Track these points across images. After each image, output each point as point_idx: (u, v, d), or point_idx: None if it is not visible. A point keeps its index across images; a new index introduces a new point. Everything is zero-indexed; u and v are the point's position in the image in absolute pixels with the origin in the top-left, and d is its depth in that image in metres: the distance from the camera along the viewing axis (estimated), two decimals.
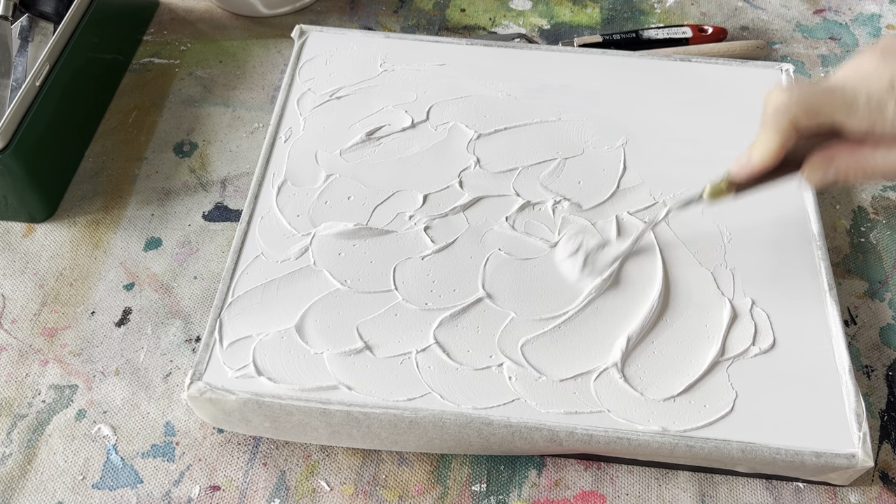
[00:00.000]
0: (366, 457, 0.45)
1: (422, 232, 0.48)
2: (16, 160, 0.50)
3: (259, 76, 0.63)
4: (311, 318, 0.44)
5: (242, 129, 0.60)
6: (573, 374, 0.43)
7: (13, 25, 0.59)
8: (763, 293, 0.46)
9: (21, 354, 0.48)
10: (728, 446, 0.40)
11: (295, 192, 0.50)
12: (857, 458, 0.40)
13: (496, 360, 0.43)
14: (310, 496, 0.43)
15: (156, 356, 0.48)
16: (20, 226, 0.54)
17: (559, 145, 0.53)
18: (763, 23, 0.68)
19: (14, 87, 0.56)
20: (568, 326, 0.44)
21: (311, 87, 0.55)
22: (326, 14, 0.68)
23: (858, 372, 0.48)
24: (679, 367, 0.43)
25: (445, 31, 0.67)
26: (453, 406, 0.41)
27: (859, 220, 0.55)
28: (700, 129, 0.54)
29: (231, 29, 0.67)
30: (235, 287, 0.45)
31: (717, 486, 0.44)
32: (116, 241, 0.53)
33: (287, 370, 0.42)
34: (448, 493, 0.43)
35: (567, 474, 0.44)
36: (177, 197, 0.56)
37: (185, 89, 0.62)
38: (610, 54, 0.58)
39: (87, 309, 0.50)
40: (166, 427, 0.46)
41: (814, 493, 0.43)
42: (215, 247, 0.53)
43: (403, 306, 0.45)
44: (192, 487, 0.43)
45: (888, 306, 0.51)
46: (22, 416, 0.46)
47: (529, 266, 0.47)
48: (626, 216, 0.49)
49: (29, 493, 0.43)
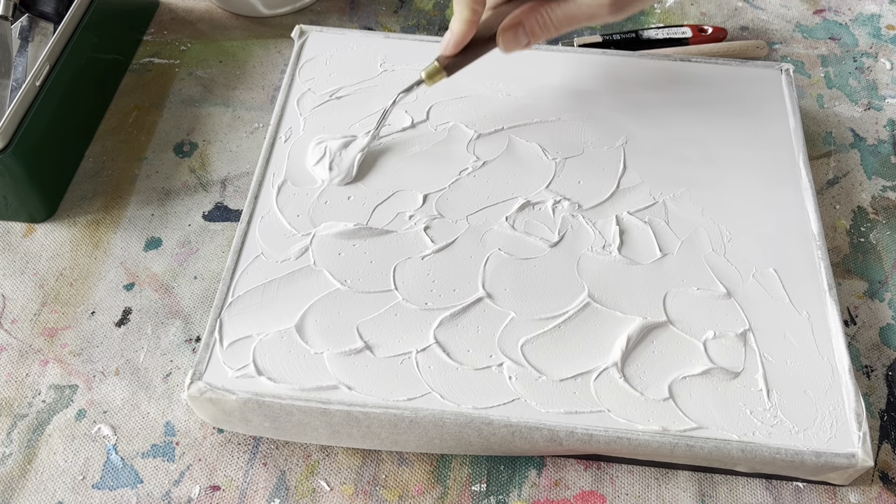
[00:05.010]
0: (366, 457, 0.45)
1: (422, 232, 0.48)
2: (16, 160, 0.50)
3: (259, 76, 0.63)
4: (311, 317, 0.44)
5: (242, 129, 0.60)
6: (573, 374, 0.43)
7: (13, 25, 0.59)
8: (763, 293, 0.46)
9: (21, 354, 0.48)
10: (728, 446, 0.40)
11: (295, 192, 0.50)
12: (856, 457, 0.40)
13: (496, 359, 0.43)
14: (310, 496, 0.43)
15: (156, 356, 0.48)
16: (20, 226, 0.54)
17: (559, 145, 0.53)
18: (763, 23, 0.68)
19: (14, 87, 0.56)
20: (568, 326, 0.44)
21: (311, 87, 0.56)
22: (326, 14, 0.68)
23: (858, 372, 0.48)
24: (679, 367, 0.43)
25: (445, 31, 0.67)
26: (453, 406, 0.41)
27: (859, 220, 0.55)
28: (700, 129, 0.54)
29: (231, 29, 0.67)
30: (235, 287, 0.45)
31: (717, 485, 0.44)
32: (116, 241, 0.53)
33: (287, 370, 0.42)
34: (448, 493, 0.43)
35: (567, 474, 0.44)
36: (177, 197, 0.56)
37: (185, 89, 0.62)
38: (610, 54, 0.58)
39: (87, 309, 0.50)
40: (166, 427, 0.46)
41: (814, 493, 0.43)
42: (215, 247, 0.53)
43: (403, 306, 0.45)
44: (192, 487, 0.43)
45: (888, 306, 0.51)
46: (22, 416, 0.46)
47: (529, 266, 0.47)
48: (626, 216, 0.49)
49: (29, 493, 0.43)
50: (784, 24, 0.68)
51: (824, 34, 0.67)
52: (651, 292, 0.46)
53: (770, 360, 0.43)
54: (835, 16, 0.69)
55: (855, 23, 0.68)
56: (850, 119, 0.61)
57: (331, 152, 0.50)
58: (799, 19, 0.68)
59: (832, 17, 0.68)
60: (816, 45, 0.66)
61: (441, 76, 0.48)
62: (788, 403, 0.42)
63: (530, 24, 0.45)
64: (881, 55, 0.65)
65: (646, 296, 0.46)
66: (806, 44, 0.66)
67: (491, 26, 0.46)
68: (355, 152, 0.50)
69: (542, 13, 0.44)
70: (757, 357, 0.43)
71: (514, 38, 0.46)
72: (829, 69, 0.64)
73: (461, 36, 0.45)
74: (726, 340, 0.44)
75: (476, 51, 0.47)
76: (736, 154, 0.53)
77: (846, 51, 0.66)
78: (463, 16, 0.45)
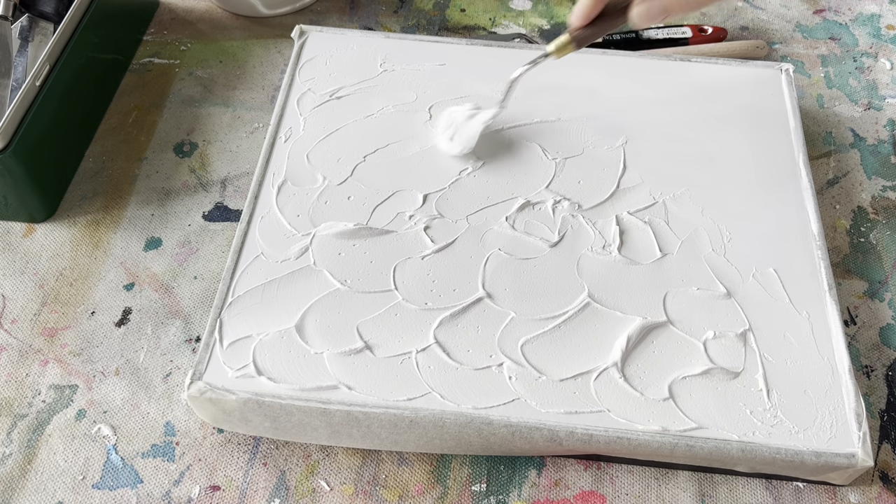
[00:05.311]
0: (366, 457, 0.45)
1: (422, 232, 0.48)
2: (16, 160, 0.50)
3: (259, 76, 0.63)
4: (311, 317, 0.44)
5: (242, 129, 0.60)
6: (573, 374, 0.43)
7: (13, 25, 0.59)
8: (763, 293, 0.46)
9: (21, 354, 0.48)
10: (728, 446, 0.40)
11: (295, 192, 0.50)
12: (856, 457, 0.40)
13: (496, 359, 0.43)
14: (310, 496, 0.43)
15: (156, 356, 0.48)
16: (20, 226, 0.54)
17: (559, 145, 0.53)
18: (763, 23, 0.68)
19: (14, 87, 0.56)
20: (568, 326, 0.44)
21: (311, 87, 0.56)
22: (326, 14, 0.68)
23: (858, 372, 0.48)
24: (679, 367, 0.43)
25: (445, 31, 0.67)
26: (453, 406, 0.41)
27: (859, 220, 0.55)
28: (700, 129, 0.54)
29: (231, 29, 0.67)
30: (235, 287, 0.45)
31: (717, 485, 0.44)
32: (116, 241, 0.53)
33: (287, 370, 0.42)
34: (448, 493, 0.43)
35: (567, 474, 0.44)
36: (177, 197, 0.56)
37: (185, 89, 0.62)
38: (610, 54, 0.58)
39: (87, 309, 0.50)
40: (166, 427, 0.46)
41: (814, 493, 0.43)
42: (215, 247, 0.53)
43: (403, 306, 0.45)
44: (192, 487, 0.43)
45: (888, 306, 0.51)
46: (22, 416, 0.46)
47: (529, 266, 0.47)
48: (626, 216, 0.49)
49: (29, 493, 0.43)
50: (784, 24, 0.68)
51: (824, 34, 0.67)
52: (651, 292, 0.46)
53: (770, 360, 0.43)
54: (835, 16, 0.69)
55: (855, 23, 0.68)
56: (850, 119, 0.61)
57: (456, 124, 0.50)
58: (799, 19, 0.68)
59: (832, 17, 0.68)
60: (816, 45, 0.66)
61: (570, 48, 0.46)
62: (788, 403, 0.42)
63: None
64: (881, 55, 0.65)
65: (646, 296, 0.46)
66: (806, 44, 0.66)
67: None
68: (478, 125, 0.50)
69: None
70: (757, 357, 0.43)
71: (647, 12, 0.43)
72: (829, 69, 0.64)
73: (591, 7, 0.43)
74: (726, 340, 0.44)
75: (607, 23, 0.44)
76: (736, 154, 0.53)
77: (846, 51, 0.66)
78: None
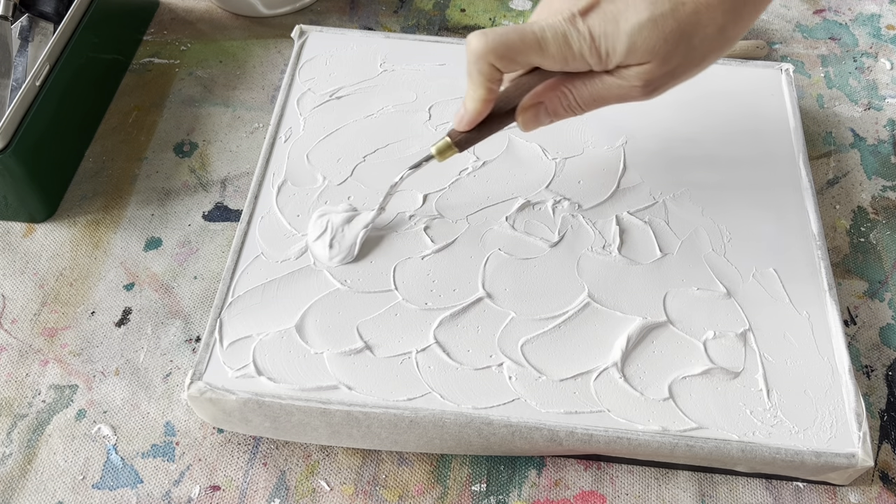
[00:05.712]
0: (366, 457, 0.45)
1: (422, 232, 0.48)
2: (16, 160, 0.50)
3: (259, 76, 0.63)
4: (311, 317, 0.44)
5: (242, 129, 0.60)
6: (573, 374, 0.43)
7: (13, 25, 0.59)
8: (763, 293, 0.46)
9: (21, 354, 0.48)
10: (728, 446, 0.40)
11: (295, 192, 0.50)
12: (856, 457, 0.40)
13: (496, 359, 0.43)
14: (310, 496, 0.43)
15: (156, 356, 0.48)
16: (20, 226, 0.54)
17: (559, 145, 0.53)
18: (763, 23, 0.68)
19: (14, 87, 0.56)
20: (568, 326, 0.44)
21: (311, 87, 0.56)
22: (326, 14, 0.68)
23: (858, 372, 0.48)
24: (679, 367, 0.43)
25: (445, 31, 0.67)
26: (453, 406, 0.41)
27: (859, 220, 0.55)
28: (700, 129, 0.54)
29: (231, 29, 0.67)
30: (235, 287, 0.45)
31: (717, 485, 0.44)
32: (116, 241, 0.53)
33: (287, 370, 0.42)
34: (448, 493, 0.43)
35: (567, 474, 0.44)
36: (177, 197, 0.56)
37: (185, 89, 0.62)
38: None
39: (87, 309, 0.50)
40: (166, 427, 0.46)
41: (814, 493, 0.43)
42: (215, 247, 0.53)
43: (403, 306, 0.45)
44: (192, 487, 0.43)
45: (888, 306, 0.51)
46: (22, 416, 0.46)
47: (529, 266, 0.47)
48: (626, 216, 0.49)
49: (29, 493, 0.43)
50: (784, 24, 0.68)
51: (824, 34, 0.67)
52: (651, 292, 0.46)
53: (770, 360, 0.43)
54: (835, 16, 0.69)
55: (855, 23, 0.68)
56: (850, 119, 0.61)
57: (332, 228, 0.47)
58: (799, 19, 0.68)
59: (832, 17, 0.68)
60: (816, 45, 0.66)
61: (452, 152, 0.44)
62: (788, 403, 0.42)
63: (553, 105, 0.40)
64: (881, 55, 0.65)
65: (646, 296, 0.46)
66: (806, 44, 0.66)
67: (510, 99, 0.41)
68: (358, 229, 0.47)
69: (567, 92, 0.40)
70: (757, 357, 0.43)
71: (534, 118, 0.41)
72: (829, 69, 0.64)
73: (475, 115, 0.40)
74: (726, 340, 0.44)
75: (492, 126, 0.42)
76: (736, 154, 0.53)
77: (846, 51, 0.66)
78: (477, 94, 0.39)
